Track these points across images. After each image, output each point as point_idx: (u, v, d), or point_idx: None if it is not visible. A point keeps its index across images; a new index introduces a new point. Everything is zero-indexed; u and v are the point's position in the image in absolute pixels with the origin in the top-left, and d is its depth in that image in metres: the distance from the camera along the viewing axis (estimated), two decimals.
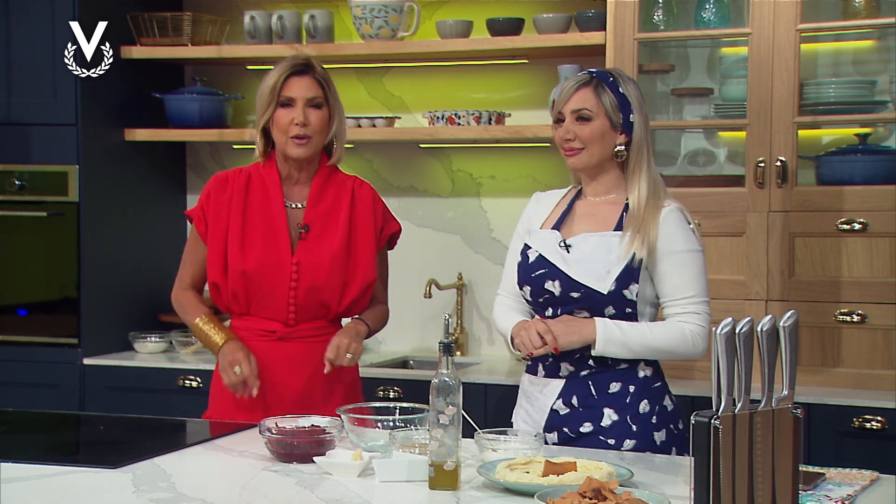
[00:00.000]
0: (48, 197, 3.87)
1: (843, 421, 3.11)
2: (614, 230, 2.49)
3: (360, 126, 3.90)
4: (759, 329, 1.69)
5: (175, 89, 4.12)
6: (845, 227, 3.25)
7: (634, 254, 2.43)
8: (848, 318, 3.24)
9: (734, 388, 1.66)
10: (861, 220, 3.23)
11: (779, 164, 3.28)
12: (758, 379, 1.69)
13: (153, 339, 3.95)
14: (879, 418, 3.08)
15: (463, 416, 2.07)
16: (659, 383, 2.51)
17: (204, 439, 2.47)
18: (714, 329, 1.65)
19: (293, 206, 2.79)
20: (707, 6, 3.45)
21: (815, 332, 3.28)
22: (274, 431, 2.26)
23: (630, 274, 2.44)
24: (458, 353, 3.91)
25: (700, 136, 3.72)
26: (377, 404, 2.42)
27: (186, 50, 3.99)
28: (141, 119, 4.07)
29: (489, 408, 3.41)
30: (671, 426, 2.49)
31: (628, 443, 2.44)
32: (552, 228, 2.57)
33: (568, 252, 2.49)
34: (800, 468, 1.76)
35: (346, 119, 2.86)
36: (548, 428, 2.51)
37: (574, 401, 2.49)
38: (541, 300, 2.53)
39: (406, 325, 4.09)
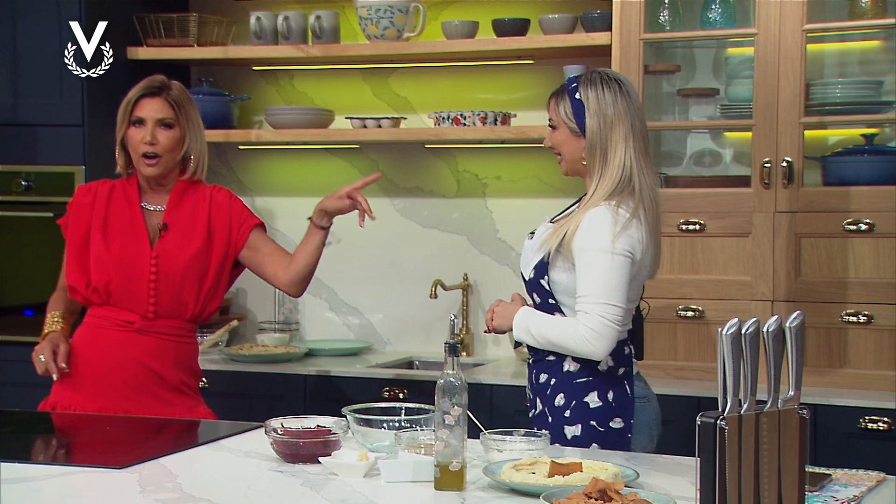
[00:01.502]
0: (54, 197, 3.88)
1: (849, 422, 3.10)
2: None
3: (365, 127, 3.90)
4: (765, 330, 1.68)
5: None
6: (851, 227, 3.24)
7: (549, 246, 2.51)
8: (854, 319, 3.24)
9: (740, 389, 1.66)
10: (867, 220, 3.23)
11: (785, 164, 3.27)
12: (764, 380, 1.69)
13: None
14: (886, 419, 3.07)
15: (468, 416, 2.07)
16: (585, 379, 2.52)
17: (210, 440, 2.47)
18: (720, 330, 1.65)
19: (152, 208, 2.95)
20: (713, 7, 3.45)
21: (821, 332, 3.27)
22: (280, 432, 2.27)
23: (544, 264, 2.53)
24: (464, 353, 3.91)
25: (706, 136, 3.71)
26: (383, 405, 2.42)
27: (192, 51, 4.00)
28: None
29: (495, 408, 3.41)
30: (592, 423, 2.51)
31: (543, 432, 2.46)
32: (550, 220, 2.65)
33: (530, 239, 2.64)
34: (806, 469, 1.75)
35: (204, 138, 2.98)
36: None
37: (529, 387, 2.65)
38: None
39: (411, 325, 4.09)
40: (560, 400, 2.54)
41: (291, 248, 3.80)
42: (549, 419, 2.55)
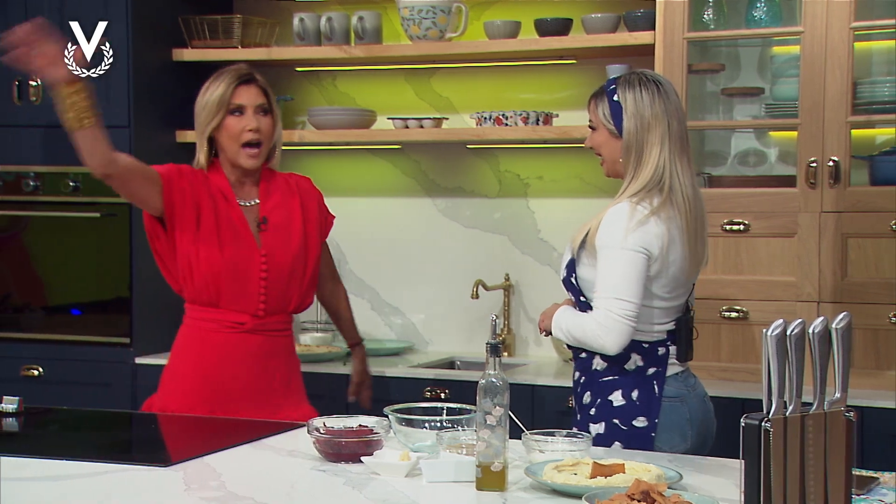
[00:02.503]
0: (101, 198, 3.92)
1: None
2: None
3: (407, 127, 3.91)
4: (811, 331, 1.67)
5: None
6: None
7: (575, 244, 2.55)
8: None
9: (785, 391, 1.64)
10: None
11: (831, 163, 3.23)
12: (809, 382, 1.67)
13: None
14: None
15: (510, 417, 2.07)
16: (611, 377, 2.55)
17: (253, 438, 2.49)
18: (765, 331, 1.63)
19: (246, 203, 2.89)
20: (758, 5, 3.41)
21: (868, 334, 3.23)
22: (322, 431, 2.28)
23: (572, 262, 2.56)
24: (506, 353, 3.90)
25: (751, 135, 3.68)
26: (424, 405, 2.43)
27: (237, 52, 4.03)
28: (192, 121, 4.10)
29: (536, 409, 3.41)
30: (615, 421, 2.52)
31: (575, 430, 2.51)
32: None
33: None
34: (853, 472, 1.73)
35: (281, 125, 3.00)
36: None
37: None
38: None
39: (453, 325, 4.09)
40: (587, 398, 2.58)
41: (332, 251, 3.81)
42: (578, 416, 2.60)
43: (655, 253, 2.48)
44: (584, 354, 2.59)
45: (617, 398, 2.54)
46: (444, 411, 2.37)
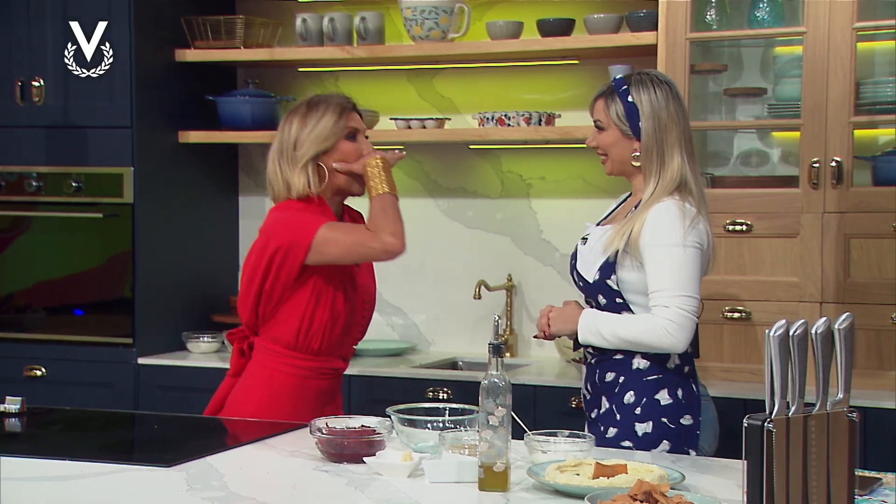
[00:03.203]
0: (104, 198, 3.93)
1: None
2: None
3: (409, 127, 3.91)
4: (813, 331, 1.67)
5: (228, 92, 4.16)
6: None
7: (615, 246, 2.51)
8: None
9: (788, 391, 1.64)
10: None
11: (834, 164, 3.23)
12: (812, 382, 1.67)
13: (206, 339, 3.99)
14: None
15: (512, 417, 2.07)
16: (656, 376, 2.53)
17: (255, 439, 2.49)
18: (768, 331, 1.63)
19: None
20: (761, 5, 3.41)
21: (871, 334, 3.23)
22: (324, 431, 2.28)
23: (610, 264, 2.53)
24: (508, 354, 3.90)
25: (753, 136, 3.68)
26: (427, 405, 2.43)
27: (239, 52, 4.03)
28: (194, 121, 4.12)
29: (539, 409, 3.41)
30: (663, 420, 2.51)
31: (612, 430, 2.52)
32: (597, 224, 2.68)
33: (584, 244, 2.64)
34: (856, 473, 1.73)
35: None
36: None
37: (589, 387, 2.63)
38: (577, 288, 2.68)
39: (455, 326, 4.09)
40: (630, 397, 2.54)
41: None
42: (618, 417, 2.55)
43: (706, 249, 2.52)
44: (619, 355, 2.55)
45: (664, 397, 2.53)
46: (447, 412, 2.37)
